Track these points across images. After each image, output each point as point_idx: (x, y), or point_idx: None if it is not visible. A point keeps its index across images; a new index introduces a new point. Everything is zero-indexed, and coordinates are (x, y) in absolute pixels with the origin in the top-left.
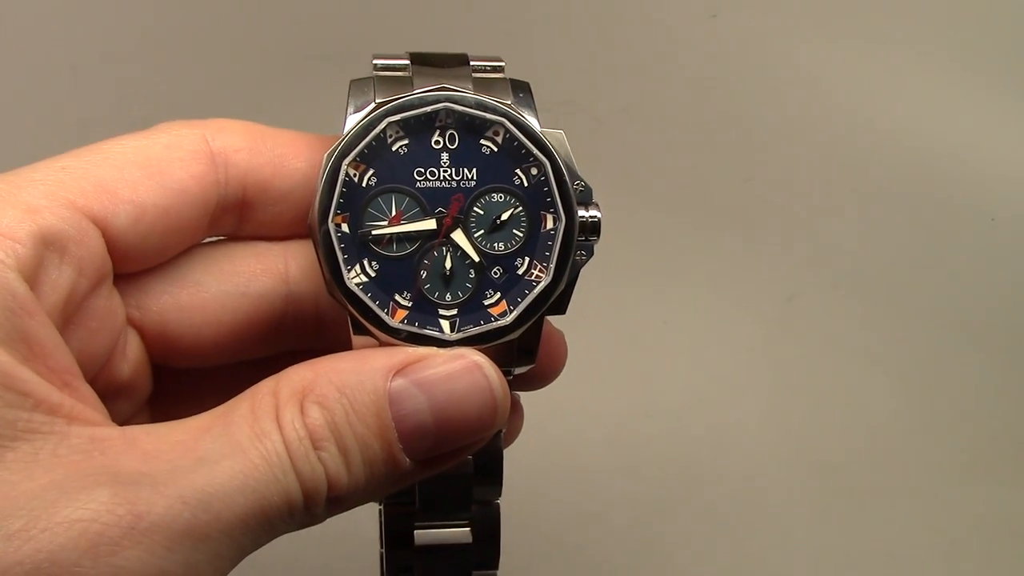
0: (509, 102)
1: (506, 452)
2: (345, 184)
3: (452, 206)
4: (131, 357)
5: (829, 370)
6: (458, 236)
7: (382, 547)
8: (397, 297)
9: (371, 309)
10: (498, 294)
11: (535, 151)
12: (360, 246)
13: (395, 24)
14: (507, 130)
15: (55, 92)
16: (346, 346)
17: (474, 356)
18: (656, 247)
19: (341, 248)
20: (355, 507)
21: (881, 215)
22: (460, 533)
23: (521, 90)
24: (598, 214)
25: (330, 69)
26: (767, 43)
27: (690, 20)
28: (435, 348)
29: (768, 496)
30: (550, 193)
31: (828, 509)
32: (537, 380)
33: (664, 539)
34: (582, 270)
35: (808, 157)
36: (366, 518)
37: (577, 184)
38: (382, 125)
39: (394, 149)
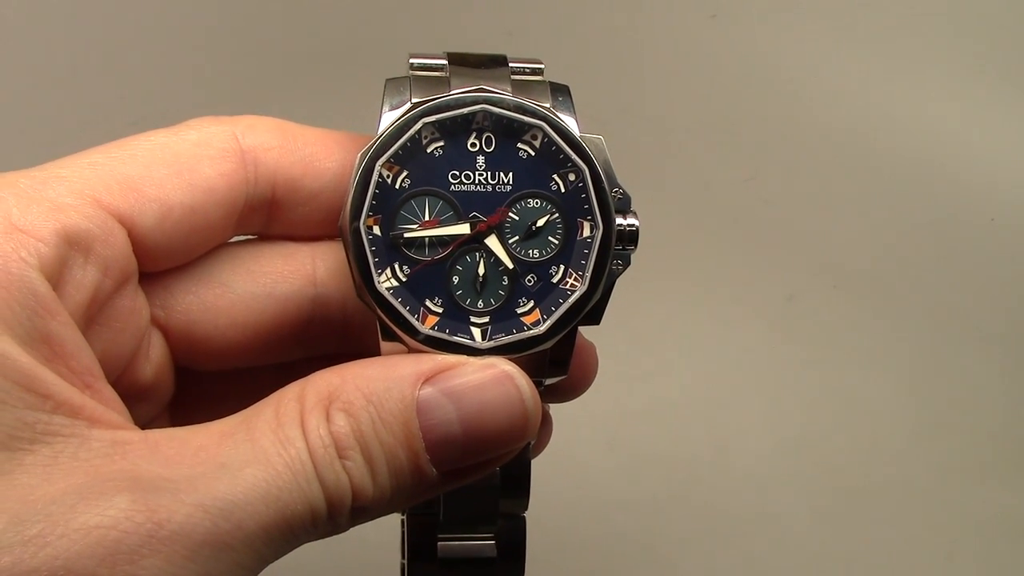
0: (548, 105)
1: None
2: (378, 185)
3: (494, 215)
4: (154, 358)
5: (829, 370)
6: (492, 242)
7: (404, 559)
8: (428, 303)
9: (401, 314)
10: (531, 302)
11: (574, 156)
12: (391, 249)
13: (393, 24)
14: (545, 134)
15: (55, 92)
16: (373, 351)
17: (505, 366)
18: (656, 247)
19: (372, 251)
20: (379, 517)
21: (881, 215)
22: (485, 547)
23: (561, 93)
24: (636, 222)
25: (333, 68)
26: (767, 43)
27: (690, 20)
28: (465, 356)
29: (768, 495)
30: (588, 200)
31: (828, 509)
32: (567, 392)
33: (664, 539)
34: None
35: (808, 157)
36: (388, 528)
37: (616, 191)
38: (417, 126)
39: (429, 151)
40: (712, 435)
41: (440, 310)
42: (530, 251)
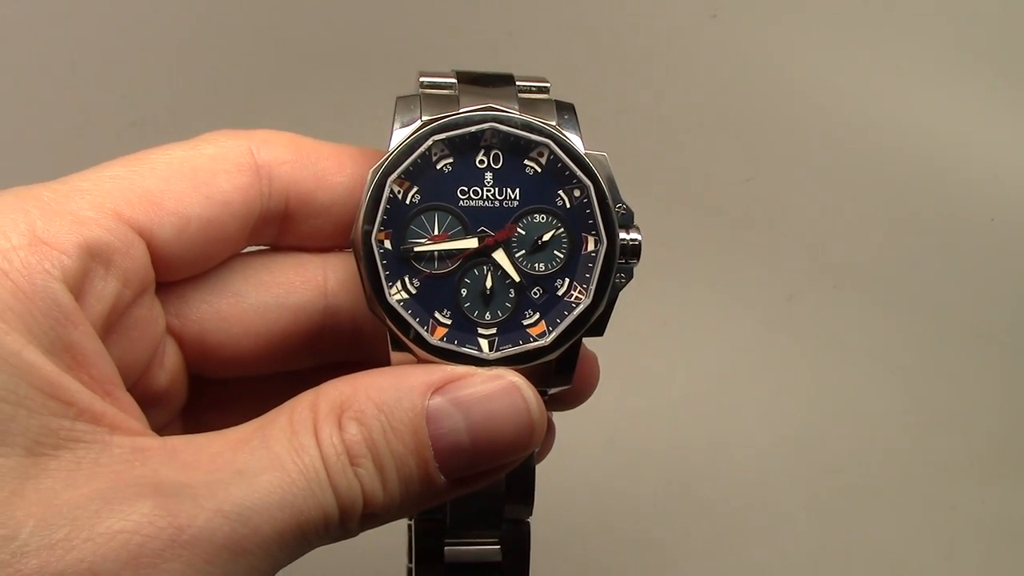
0: (554, 123)
1: None
2: (389, 200)
3: (502, 231)
4: (169, 366)
5: (829, 370)
6: (499, 255)
7: (410, 562)
8: (437, 315)
9: (411, 326)
10: (537, 314)
11: (579, 173)
12: (402, 262)
13: (391, 23)
14: (551, 151)
15: (55, 92)
16: (383, 361)
17: (512, 376)
18: (656, 247)
19: (383, 264)
20: (388, 523)
21: (881, 215)
22: (490, 551)
23: (566, 111)
24: (639, 237)
25: (329, 62)
26: (767, 43)
27: (690, 20)
28: (473, 367)
29: (768, 495)
30: (592, 215)
31: (828, 509)
32: (570, 401)
33: (664, 539)
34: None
35: (808, 157)
36: (395, 532)
37: (619, 207)
38: (428, 143)
39: (439, 167)
40: (712, 434)
41: (449, 322)
42: (536, 265)
